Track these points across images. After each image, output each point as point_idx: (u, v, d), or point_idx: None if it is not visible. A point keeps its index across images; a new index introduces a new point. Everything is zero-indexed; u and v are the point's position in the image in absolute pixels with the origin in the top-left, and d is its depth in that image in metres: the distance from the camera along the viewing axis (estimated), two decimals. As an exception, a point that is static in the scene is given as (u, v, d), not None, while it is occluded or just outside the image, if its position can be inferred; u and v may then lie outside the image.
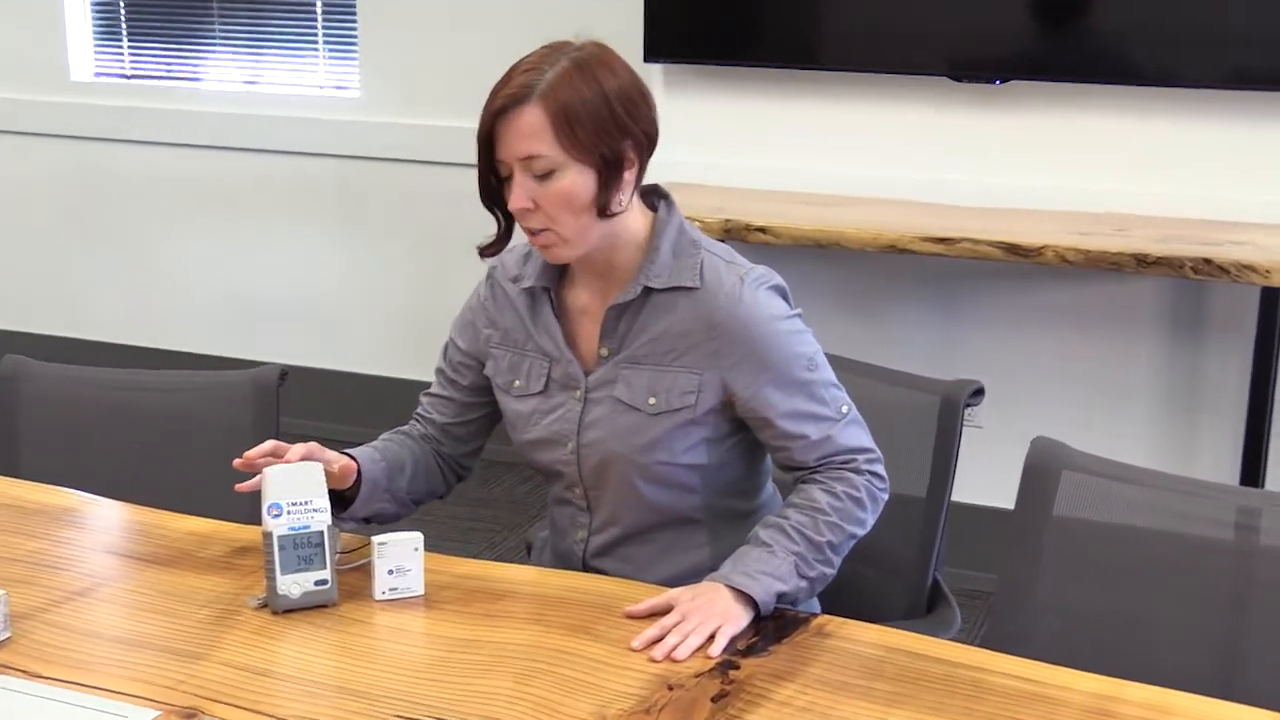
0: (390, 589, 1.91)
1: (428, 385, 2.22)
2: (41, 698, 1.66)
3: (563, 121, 1.88)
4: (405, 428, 2.20)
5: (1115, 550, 1.97)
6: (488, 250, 2.06)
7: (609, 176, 1.91)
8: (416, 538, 1.92)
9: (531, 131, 1.89)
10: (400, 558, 1.90)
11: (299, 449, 1.94)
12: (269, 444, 1.95)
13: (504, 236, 2.04)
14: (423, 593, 1.91)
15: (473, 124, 1.94)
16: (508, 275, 2.11)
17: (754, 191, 3.79)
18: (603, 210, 1.92)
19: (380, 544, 1.90)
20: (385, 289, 4.78)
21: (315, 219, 4.80)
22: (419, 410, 2.21)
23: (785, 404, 1.97)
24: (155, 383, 2.55)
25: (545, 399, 2.06)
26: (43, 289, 5.22)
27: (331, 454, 1.99)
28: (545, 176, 1.90)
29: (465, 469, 2.22)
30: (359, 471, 2.04)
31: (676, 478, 2.02)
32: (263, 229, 4.87)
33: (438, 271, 4.70)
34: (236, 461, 1.93)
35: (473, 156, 1.94)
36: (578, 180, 1.90)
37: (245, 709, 1.64)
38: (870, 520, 2.00)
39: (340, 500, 2.05)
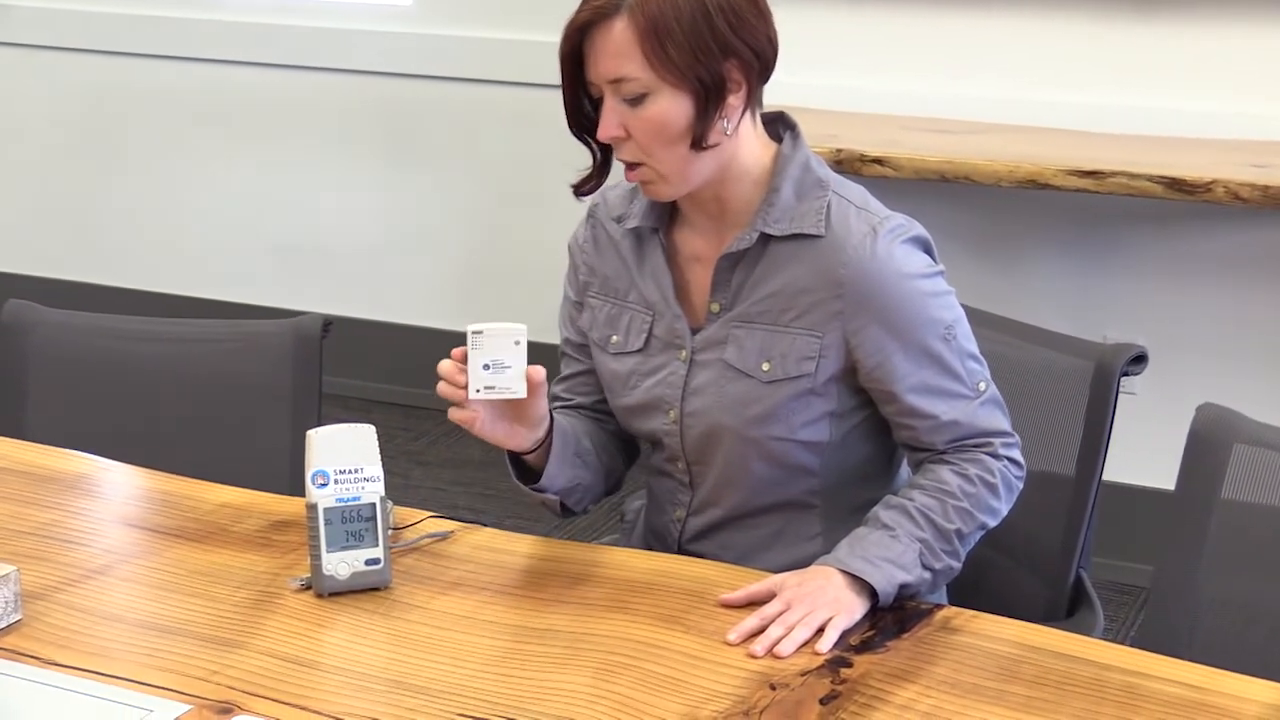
0: (486, 386, 1.88)
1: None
2: (56, 687, 1.70)
3: (653, 38, 1.89)
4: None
5: (1295, 537, 1.97)
6: (582, 187, 2.07)
7: (707, 103, 1.92)
8: (519, 329, 1.88)
9: (619, 50, 1.90)
10: (499, 350, 1.88)
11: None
12: None
13: (600, 170, 2.05)
14: (524, 394, 1.89)
15: (545, 37, 1.95)
16: (611, 214, 2.12)
17: (870, 116, 3.77)
18: (697, 142, 1.93)
19: (475, 333, 1.87)
20: (441, 229, 4.81)
21: (359, 148, 4.83)
22: (554, 407, 2.12)
23: (913, 376, 1.97)
24: (181, 333, 2.59)
25: (645, 358, 2.08)
26: (46, 226, 5.28)
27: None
28: (636, 101, 1.92)
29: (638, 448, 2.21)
30: (550, 423, 2.01)
31: (793, 456, 2.02)
32: (298, 159, 4.91)
33: (501, 209, 4.72)
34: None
35: (543, 75, 1.95)
36: (671, 107, 1.91)
37: (286, 704, 1.67)
38: (1004, 510, 2.01)
39: (523, 468, 2.03)
